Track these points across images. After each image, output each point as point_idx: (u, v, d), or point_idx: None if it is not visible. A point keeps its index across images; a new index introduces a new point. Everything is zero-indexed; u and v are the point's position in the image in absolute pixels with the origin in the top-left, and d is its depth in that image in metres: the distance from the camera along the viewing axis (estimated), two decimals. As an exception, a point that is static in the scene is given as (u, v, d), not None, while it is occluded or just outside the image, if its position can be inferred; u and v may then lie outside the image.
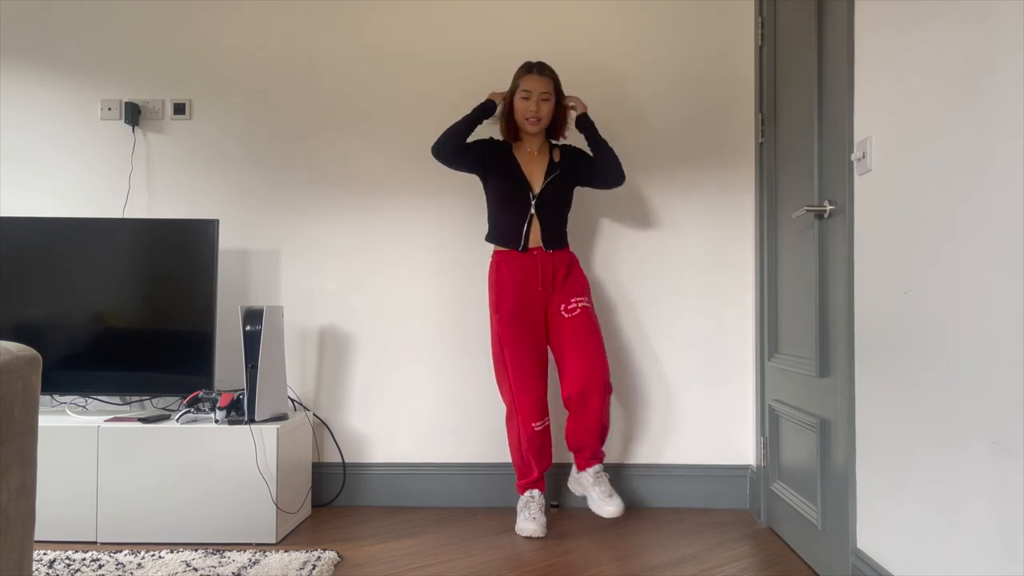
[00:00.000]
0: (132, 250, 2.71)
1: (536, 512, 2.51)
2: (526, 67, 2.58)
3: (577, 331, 2.52)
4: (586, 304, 2.57)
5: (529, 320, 2.55)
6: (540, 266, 2.55)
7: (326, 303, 2.93)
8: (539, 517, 2.50)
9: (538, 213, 2.56)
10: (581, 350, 2.50)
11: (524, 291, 2.55)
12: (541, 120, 2.57)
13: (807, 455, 2.19)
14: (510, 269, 2.57)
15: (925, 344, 1.55)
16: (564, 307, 2.55)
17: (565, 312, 2.54)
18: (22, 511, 1.16)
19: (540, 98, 2.55)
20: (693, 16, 2.90)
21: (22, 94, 2.97)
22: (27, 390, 1.18)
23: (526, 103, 2.55)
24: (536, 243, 2.57)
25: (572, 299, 2.55)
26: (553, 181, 2.58)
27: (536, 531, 2.46)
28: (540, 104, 2.55)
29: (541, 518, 2.50)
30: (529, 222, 2.56)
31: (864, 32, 1.84)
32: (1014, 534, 1.26)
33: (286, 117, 2.95)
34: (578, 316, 2.54)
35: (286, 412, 2.60)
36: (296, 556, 2.22)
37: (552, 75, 2.58)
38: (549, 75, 2.57)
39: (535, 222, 2.56)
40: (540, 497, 2.56)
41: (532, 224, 2.56)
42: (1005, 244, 1.29)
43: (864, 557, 1.81)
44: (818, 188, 2.11)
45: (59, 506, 2.41)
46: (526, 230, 2.56)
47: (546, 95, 2.55)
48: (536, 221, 2.56)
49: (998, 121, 1.31)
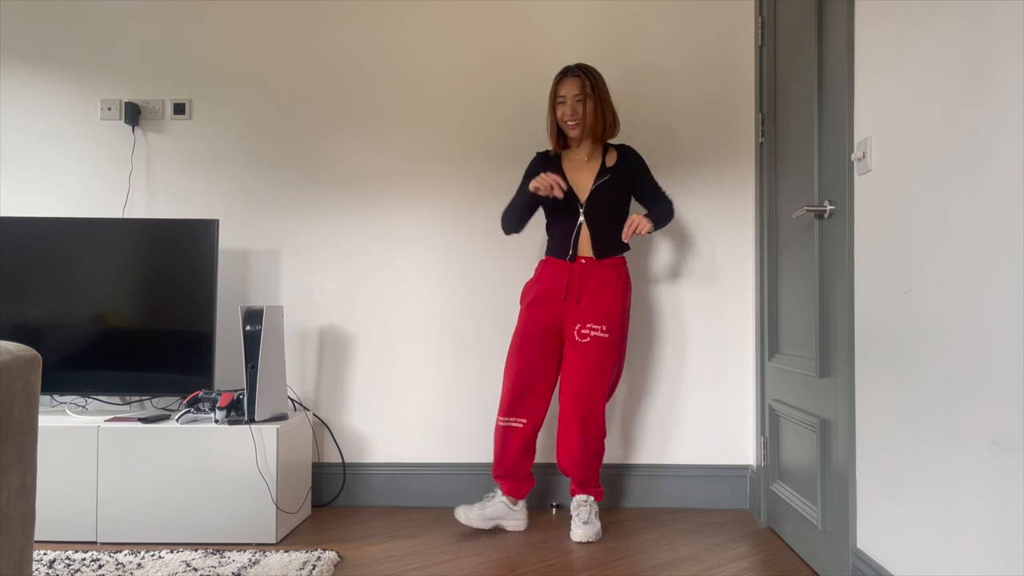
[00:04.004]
0: (132, 250, 2.71)
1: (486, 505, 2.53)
2: (560, 72, 2.55)
3: (581, 361, 2.48)
4: (600, 334, 2.48)
5: (543, 318, 2.53)
6: (568, 275, 2.52)
7: (326, 303, 2.93)
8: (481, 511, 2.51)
9: (588, 220, 2.53)
10: (578, 384, 2.48)
11: (548, 292, 2.54)
12: (580, 122, 2.52)
13: (807, 455, 2.19)
14: (547, 271, 2.57)
15: (925, 344, 1.55)
16: (579, 329, 2.50)
17: (578, 336, 2.50)
18: (22, 511, 1.16)
19: (574, 100, 2.50)
20: (693, 16, 2.90)
21: (22, 94, 2.97)
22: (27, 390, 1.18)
23: (562, 108, 2.52)
24: (586, 252, 2.53)
25: (588, 323, 2.49)
26: (602, 186, 2.53)
27: (467, 518, 2.50)
28: (575, 106, 2.50)
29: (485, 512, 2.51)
30: (578, 231, 2.53)
31: (864, 32, 1.84)
32: (1014, 533, 1.26)
33: (286, 117, 2.95)
34: (587, 345, 2.49)
35: (286, 412, 2.60)
36: (296, 556, 2.22)
37: (585, 74, 2.51)
38: (580, 75, 2.51)
39: (584, 230, 2.53)
40: (503, 498, 2.54)
41: (581, 232, 2.53)
42: (1005, 244, 1.29)
43: (864, 557, 1.81)
44: (818, 188, 2.11)
45: (59, 506, 2.41)
46: (575, 239, 2.53)
47: (579, 96, 2.50)
48: (586, 229, 2.53)
49: (998, 121, 1.31)
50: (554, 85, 2.56)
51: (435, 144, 2.93)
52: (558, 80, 2.55)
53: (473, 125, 2.92)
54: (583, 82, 2.51)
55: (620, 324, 2.54)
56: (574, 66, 2.55)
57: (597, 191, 2.53)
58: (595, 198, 2.53)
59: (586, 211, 2.53)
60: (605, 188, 2.54)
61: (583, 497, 2.54)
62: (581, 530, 2.44)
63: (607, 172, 2.56)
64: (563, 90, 2.52)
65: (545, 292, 2.55)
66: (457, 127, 2.92)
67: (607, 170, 2.56)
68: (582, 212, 2.53)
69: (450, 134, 2.92)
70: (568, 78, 2.53)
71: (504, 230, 2.63)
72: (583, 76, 2.52)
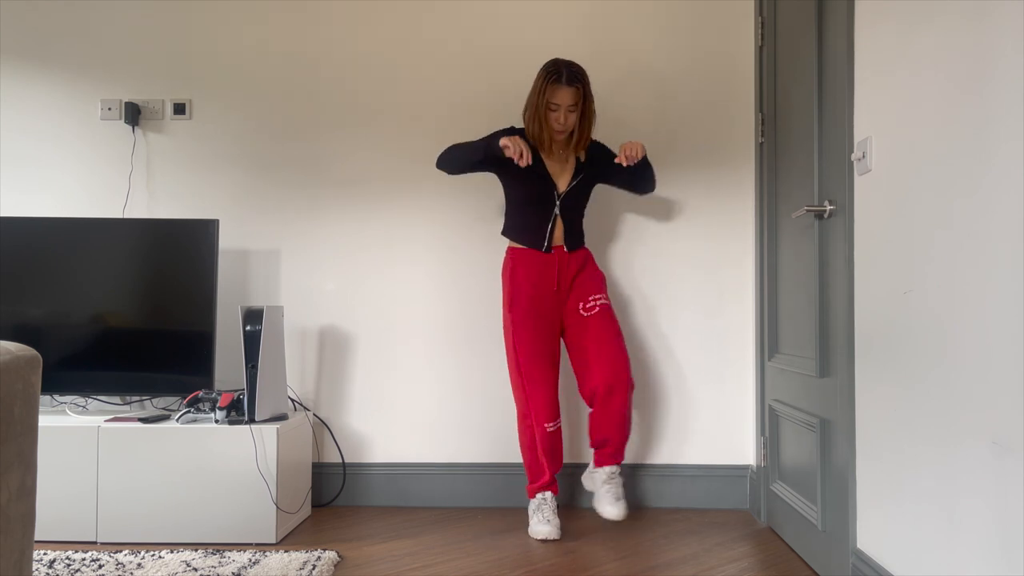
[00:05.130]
0: (132, 250, 2.71)
1: (550, 515, 2.47)
2: (554, 74, 2.43)
3: (599, 328, 2.50)
4: (604, 301, 2.55)
5: (543, 320, 2.53)
6: (557, 267, 2.54)
7: (326, 303, 2.93)
8: (553, 519, 2.46)
9: (562, 214, 2.54)
10: (605, 346, 2.47)
11: (539, 291, 2.53)
12: (568, 131, 2.50)
13: (807, 455, 2.19)
14: (526, 269, 2.53)
15: (925, 344, 1.55)
16: (583, 305, 2.53)
17: (584, 311, 2.52)
18: (22, 511, 1.16)
19: (567, 110, 2.46)
20: (692, 16, 2.90)
21: (22, 94, 2.97)
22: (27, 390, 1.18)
23: (555, 115, 2.47)
24: (559, 242, 2.56)
25: (590, 297, 2.53)
26: (580, 183, 2.56)
27: (551, 533, 2.42)
28: (567, 116, 2.47)
29: (555, 520, 2.46)
30: (553, 222, 2.54)
31: (864, 32, 1.84)
32: (1014, 533, 1.26)
33: (286, 117, 2.95)
34: (598, 313, 2.52)
35: (286, 412, 2.60)
36: (296, 556, 2.22)
37: (580, 83, 2.44)
38: (576, 84, 2.44)
39: (559, 222, 2.54)
40: (553, 500, 2.51)
41: (556, 224, 2.54)
42: (1005, 243, 1.29)
43: (864, 557, 1.81)
44: (818, 188, 2.11)
45: (59, 506, 2.41)
46: (550, 230, 2.53)
47: (573, 107, 2.46)
48: (560, 221, 2.54)
49: (998, 121, 1.31)
50: (547, 84, 2.43)
51: (435, 144, 2.92)
52: (553, 83, 2.43)
53: (474, 125, 2.91)
54: (578, 92, 2.45)
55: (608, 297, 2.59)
56: (569, 72, 2.44)
57: (574, 188, 2.56)
58: (571, 194, 2.56)
59: (562, 205, 2.54)
60: (580, 185, 2.57)
61: (614, 468, 2.49)
62: (615, 508, 2.42)
63: (583, 168, 2.57)
64: (558, 98, 2.44)
65: (538, 294, 2.53)
66: (458, 127, 2.91)
67: (582, 166, 2.58)
68: (558, 205, 2.54)
69: (451, 134, 2.92)
70: (564, 87, 2.43)
71: (439, 164, 2.57)
72: (579, 86, 2.45)
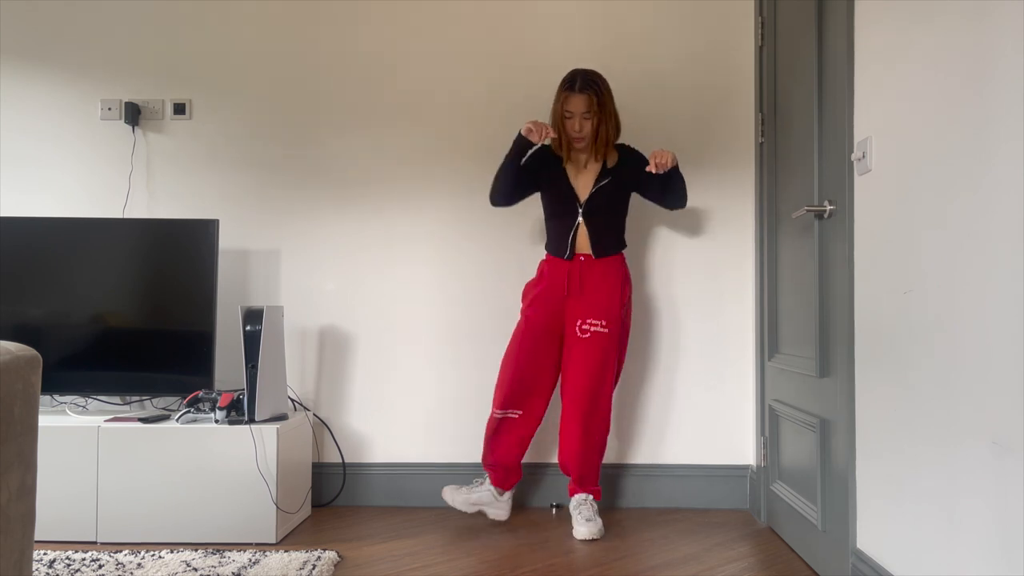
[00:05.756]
0: (132, 250, 2.71)
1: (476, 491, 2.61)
2: (568, 82, 2.49)
3: (582, 356, 2.50)
4: (600, 329, 2.49)
5: (544, 317, 2.55)
6: (569, 270, 2.54)
7: (326, 303, 2.93)
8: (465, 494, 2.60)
9: (586, 220, 2.53)
10: (579, 379, 2.50)
11: (549, 291, 2.56)
12: (585, 139, 2.51)
13: (807, 455, 2.19)
14: (549, 270, 2.58)
15: (925, 344, 1.55)
16: (579, 325, 2.51)
17: (579, 331, 2.51)
18: (22, 511, 1.16)
19: (582, 118, 2.47)
20: (693, 16, 2.90)
21: (22, 94, 2.97)
22: (27, 390, 1.18)
23: (570, 122, 2.49)
24: (584, 250, 2.55)
25: (588, 319, 2.50)
26: (602, 188, 2.53)
27: (456, 504, 2.60)
28: (583, 124, 2.48)
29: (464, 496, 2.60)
30: (575, 230, 2.53)
31: (864, 32, 1.84)
32: (1014, 533, 1.26)
33: (286, 117, 2.95)
34: (588, 340, 2.50)
35: (286, 412, 2.60)
36: (296, 556, 2.22)
37: (592, 90, 2.46)
38: (589, 91, 2.46)
39: (582, 229, 2.54)
40: (490, 487, 2.60)
41: (579, 231, 2.54)
42: (1005, 243, 1.29)
43: (864, 557, 1.81)
44: (818, 188, 2.11)
45: (59, 506, 2.41)
46: (572, 238, 2.53)
47: (587, 114, 2.47)
48: (584, 228, 2.54)
49: (998, 121, 1.31)
50: (562, 93, 2.50)
51: (435, 144, 2.93)
52: (566, 91, 2.48)
53: (473, 125, 2.92)
54: (591, 99, 2.46)
55: (620, 319, 2.55)
56: (583, 79, 2.47)
57: (597, 193, 2.54)
58: (594, 199, 2.54)
59: (584, 212, 2.54)
60: (605, 190, 2.54)
61: (582, 496, 2.54)
62: (585, 527, 2.44)
63: (608, 174, 2.56)
64: (571, 106, 2.48)
65: (547, 290, 2.57)
66: (458, 127, 2.92)
67: (608, 171, 2.56)
68: (580, 212, 2.54)
69: (450, 134, 2.92)
70: (577, 94, 2.46)
71: (491, 200, 2.59)
72: (592, 93, 2.46)
